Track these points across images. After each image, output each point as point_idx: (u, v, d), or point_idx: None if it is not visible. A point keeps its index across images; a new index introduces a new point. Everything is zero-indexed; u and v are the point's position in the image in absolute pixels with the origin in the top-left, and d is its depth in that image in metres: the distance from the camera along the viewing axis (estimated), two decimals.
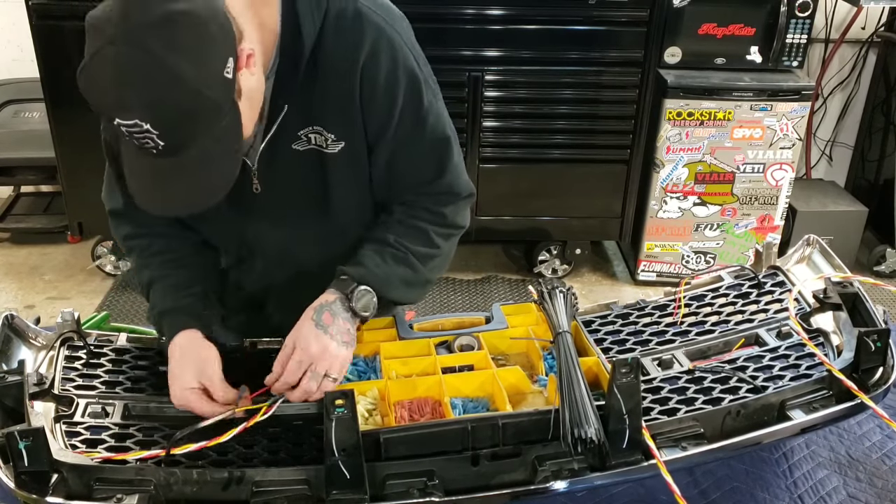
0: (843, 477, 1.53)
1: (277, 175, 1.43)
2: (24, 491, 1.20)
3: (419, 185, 1.49)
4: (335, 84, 1.34)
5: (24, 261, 3.86)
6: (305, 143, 1.39)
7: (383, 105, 1.38)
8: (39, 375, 1.39)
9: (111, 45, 1.07)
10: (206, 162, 1.18)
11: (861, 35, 4.07)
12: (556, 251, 3.77)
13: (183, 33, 1.09)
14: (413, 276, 1.49)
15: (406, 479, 1.28)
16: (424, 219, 1.50)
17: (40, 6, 3.16)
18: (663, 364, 1.51)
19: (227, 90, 1.16)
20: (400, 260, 1.47)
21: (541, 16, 3.28)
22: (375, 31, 1.34)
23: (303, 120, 1.37)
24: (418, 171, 1.48)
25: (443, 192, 1.50)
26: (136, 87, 1.08)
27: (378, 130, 1.41)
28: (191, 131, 1.14)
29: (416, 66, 1.40)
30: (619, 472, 1.31)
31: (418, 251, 1.49)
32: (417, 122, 1.42)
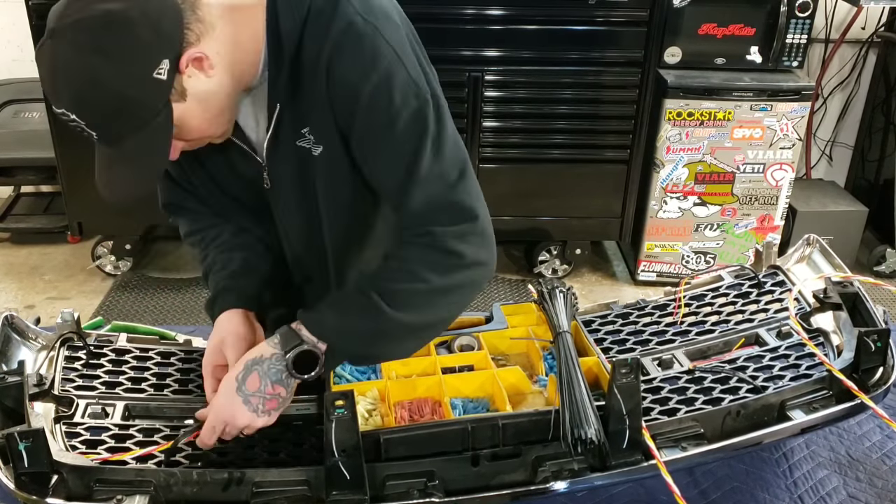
0: (843, 477, 1.53)
1: (282, 171, 1.42)
2: (24, 492, 1.20)
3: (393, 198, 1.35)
4: (309, 84, 1.30)
5: (24, 261, 3.86)
6: (309, 141, 1.37)
7: (346, 100, 1.29)
8: (39, 376, 1.39)
9: (49, 39, 1.14)
10: (138, 155, 1.22)
11: (861, 35, 4.06)
12: (556, 251, 3.76)
13: (108, 35, 1.14)
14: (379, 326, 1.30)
15: (406, 480, 1.28)
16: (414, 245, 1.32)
17: (40, 6, 3.15)
18: (663, 364, 1.51)
19: (159, 91, 1.19)
20: (358, 307, 1.30)
21: (541, 16, 3.28)
22: (345, 24, 1.26)
23: (298, 119, 1.35)
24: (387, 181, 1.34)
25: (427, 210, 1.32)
26: (63, 82, 1.15)
27: (345, 128, 1.33)
28: (118, 126, 1.19)
29: (395, 63, 1.28)
30: (619, 472, 1.31)
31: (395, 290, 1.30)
32: (386, 120, 1.29)
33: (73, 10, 1.13)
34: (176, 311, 3.44)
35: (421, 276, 1.29)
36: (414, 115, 1.29)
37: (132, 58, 1.15)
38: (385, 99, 1.28)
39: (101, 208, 3.62)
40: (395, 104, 1.28)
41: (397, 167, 1.31)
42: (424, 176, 1.30)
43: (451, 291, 1.33)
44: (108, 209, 3.51)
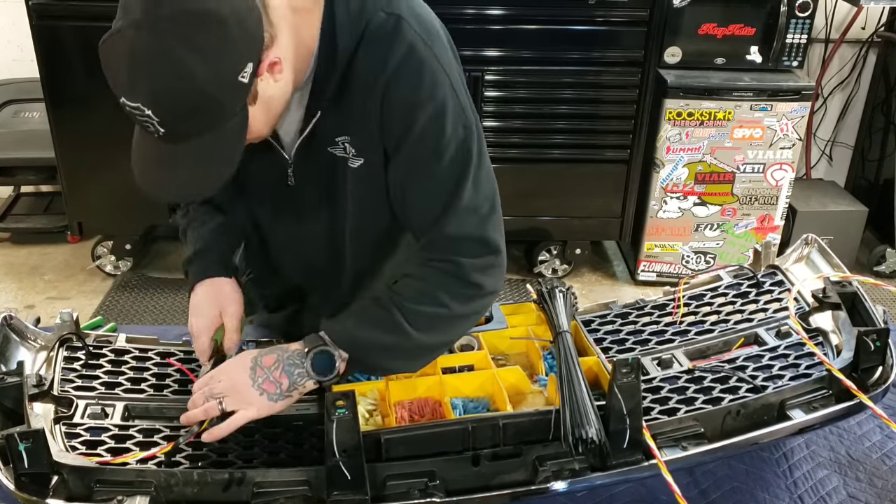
0: (843, 477, 1.53)
1: (310, 173, 1.42)
2: (24, 493, 1.20)
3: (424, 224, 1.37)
4: (360, 101, 1.31)
5: (24, 261, 3.86)
6: (341, 150, 1.37)
7: (399, 125, 1.31)
8: (39, 377, 1.39)
9: (133, 29, 1.09)
10: (203, 158, 1.18)
11: (861, 35, 4.06)
12: (556, 251, 3.76)
13: (204, 32, 1.10)
14: (399, 342, 1.33)
15: (407, 480, 1.28)
16: (438, 271, 1.35)
17: (40, 6, 3.15)
18: (663, 364, 1.51)
19: (239, 94, 1.16)
20: (383, 324, 1.33)
21: (541, 16, 3.28)
22: (407, 47, 1.28)
23: (336, 128, 1.35)
24: (424, 207, 1.36)
25: (458, 238, 1.34)
26: (145, 75, 1.10)
27: (392, 149, 1.34)
28: (191, 126, 1.15)
29: (448, 93, 1.31)
30: (619, 472, 1.31)
31: (417, 311, 1.33)
32: (435, 151, 1.31)
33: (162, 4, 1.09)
34: (176, 311, 3.44)
35: (443, 301, 1.33)
36: (460, 146, 1.33)
37: (224, 57, 1.12)
38: (438, 130, 1.30)
39: (101, 208, 3.62)
40: (445, 136, 1.31)
41: (436, 198, 1.34)
42: (461, 208, 1.33)
43: (467, 318, 1.38)
44: (108, 209, 3.52)
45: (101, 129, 3.25)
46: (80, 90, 3.27)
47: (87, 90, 3.25)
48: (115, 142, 3.65)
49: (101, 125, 3.24)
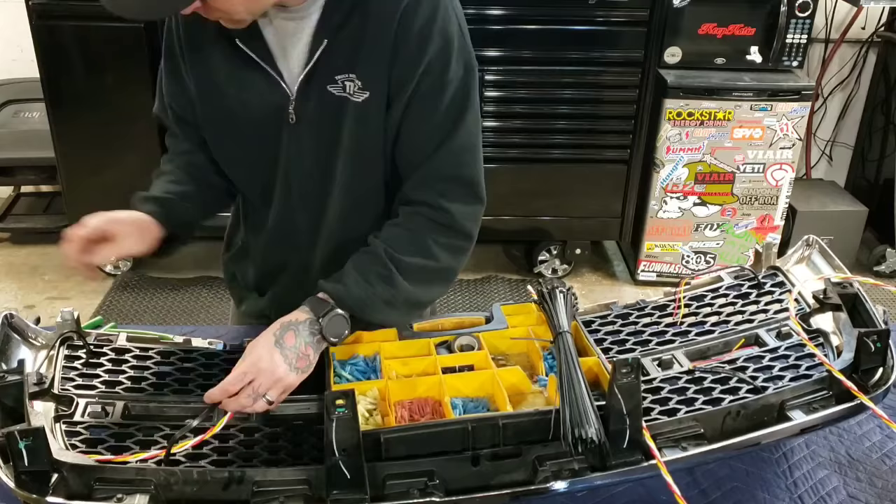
0: (843, 477, 1.53)
1: (310, 110, 1.42)
2: (25, 491, 1.20)
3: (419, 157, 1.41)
4: (375, 29, 1.33)
5: (24, 261, 3.86)
6: (340, 88, 1.38)
7: (412, 54, 1.34)
8: (39, 375, 1.39)
9: None
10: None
11: (861, 35, 4.07)
12: (556, 251, 3.77)
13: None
14: (396, 296, 1.40)
15: (406, 480, 1.28)
16: (427, 220, 1.41)
17: (40, 6, 3.15)
18: (663, 364, 1.51)
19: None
20: (384, 278, 1.38)
21: (541, 16, 3.29)
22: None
23: (341, 64, 1.36)
24: (422, 139, 1.40)
25: (449, 177, 1.40)
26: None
27: (401, 80, 1.37)
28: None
29: (456, 31, 1.37)
30: (619, 472, 1.31)
31: (410, 265, 1.39)
32: (440, 84, 1.37)
33: None
34: (176, 311, 3.44)
35: (433, 253, 1.40)
36: (460, 83, 1.38)
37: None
38: (444, 63, 1.35)
39: (101, 208, 3.61)
40: (450, 70, 1.36)
41: (434, 131, 1.38)
42: (455, 146, 1.39)
43: (451, 272, 1.45)
44: (108, 209, 3.52)
45: (101, 129, 3.26)
46: (80, 90, 3.28)
47: (87, 90, 3.26)
48: (115, 142, 3.67)
49: (101, 125, 3.25)
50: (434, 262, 1.40)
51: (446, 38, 1.35)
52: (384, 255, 1.39)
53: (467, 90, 1.39)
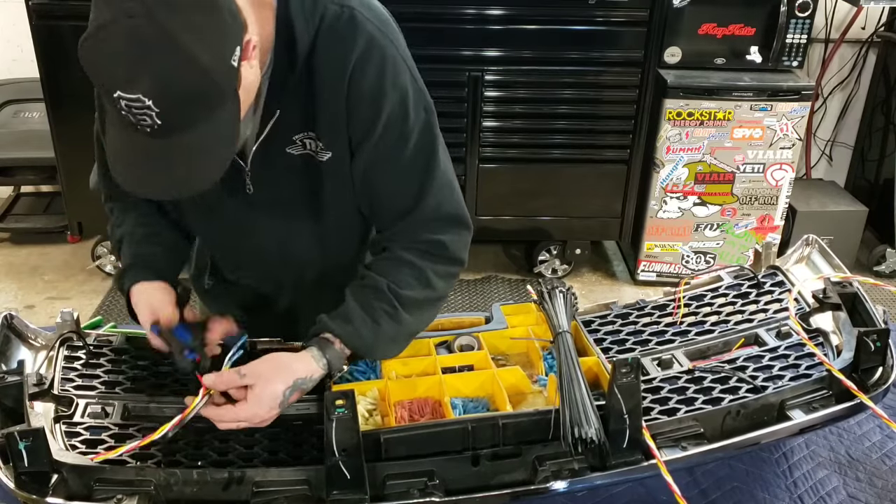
0: (843, 477, 1.53)
1: (270, 177, 1.41)
2: (24, 491, 1.20)
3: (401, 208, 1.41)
4: (326, 92, 1.32)
5: (24, 261, 3.86)
6: (300, 147, 1.37)
7: (367, 114, 1.33)
8: (39, 376, 1.39)
9: (128, 18, 1.05)
10: (199, 150, 1.15)
11: (861, 35, 4.07)
12: (556, 251, 3.77)
13: (202, 15, 1.08)
14: (399, 332, 1.40)
15: (406, 480, 1.28)
16: (423, 253, 1.40)
17: (40, 6, 3.16)
18: (663, 364, 1.51)
19: (232, 78, 1.14)
20: (390, 316, 1.37)
21: (541, 16, 3.28)
22: (367, 39, 1.30)
23: (298, 125, 1.35)
24: (398, 191, 1.40)
25: (435, 217, 1.40)
26: (148, 64, 1.06)
27: (360, 139, 1.36)
28: (191, 114, 1.12)
29: (408, 80, 1.35)
30: (619, 471, 1.31)
31: (412, 299, 1.38)
32: (401, 136, 1.35)
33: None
34: None
35: (432, 283, 1.40)
36: (423, 128, 1.37)
37: (220, 39, 1.10)
38: (403, 115, 1.34)
39: (101, 208, 3.61)
40: (410, 120, 1.35)
41: (410, 180, 1.38)
42: (435, 186, 1.38)
43: (445, 298, 1.45)
44: None
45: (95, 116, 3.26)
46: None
47: (87, 90, 3.25)
48: None
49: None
50: (433, 291, 1.41)
51: (400, 91, 1.33)
52: (388, 291, 1.37)
53: (431, 130, 1.39)
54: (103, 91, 1.10)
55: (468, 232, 1.45)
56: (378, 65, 1.31)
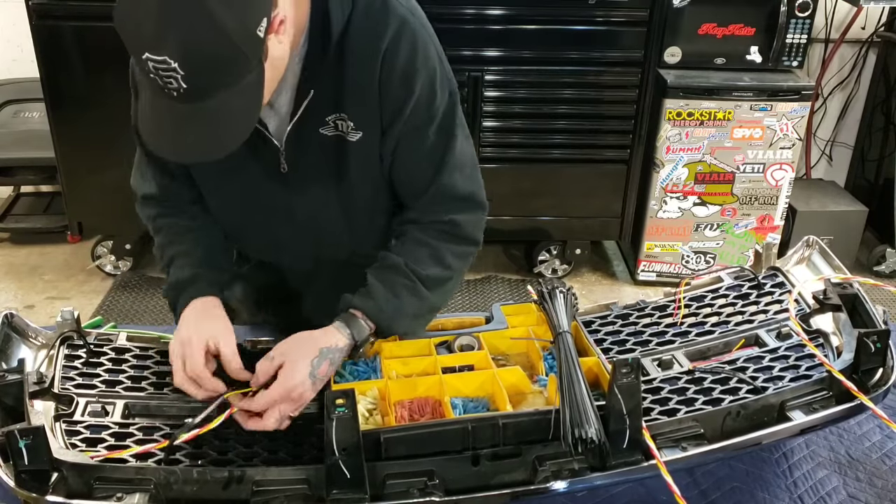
0: (843, 477, 1.53)
1: (304, 157, 1.45)
2: (25, 489, 1.20)
3: (418, 187, 1.47)
4: (359, 72, 1.36)
5: (24, 261, 3.86)
6: (332, 128, 1.41)
7: (399, 92, 1.38)
8: (39, 374, 1.40)
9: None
10: (224, 114, 1.19)
11: (861, 35, 4.06)
12: (556, 251, 3.76)
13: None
14: (421, 307, 1.46)
15: (406, 479, 1.28)
16: (439, 233, 1.47)
17: (40, 6, 3.15)
18: (663, 364, 1.51)
19: (258, 48, 1.18)
20: (410, 290, 1.44)
21: (541, 16, 3.28)
22: (399, 20, 1.35)
23: (330, 106, 1.39)
24: (418, 169, 1.46)
25: (450, 197, 1.47)
26: (175, 27, 1.11)
27: (391, 118, 1.41)
28: (216, 79, 1.16)
29: (436, 61, 1.41)
30: (619, 472, 1.31)
31: (430, 276, 1.45)
32: (428, 115, 1.42)
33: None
34: None
35: (447, 262, 1.47)
36: (448, 109, 1.44)
37: (248, 10, 1.15)
38: (431, 95, 1.40)
39: (101, 208, 3.62)
40: (437, 100, 1.41)
41: (431, 158, 1.44)
42: (453, 166, 1.45)
43: (461, 276, 1.52)
44: (108, 209, 3.52)
45: (101, 129, 3.25)
46: (80, 90, 3.27)
47: (87, 90, 3.25)
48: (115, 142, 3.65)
49: (101, 125, 3.24)
50: (450, 271, 1.48)
51: (430, 71, 1.40)
52: (406, 268, 1.43)
53: (453, 113, 1.45)
54: (133, 53, 1.14)
55: (482, 211, 1.51)
56: (410, 45, 1.36)
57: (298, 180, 1.48)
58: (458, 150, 1.46)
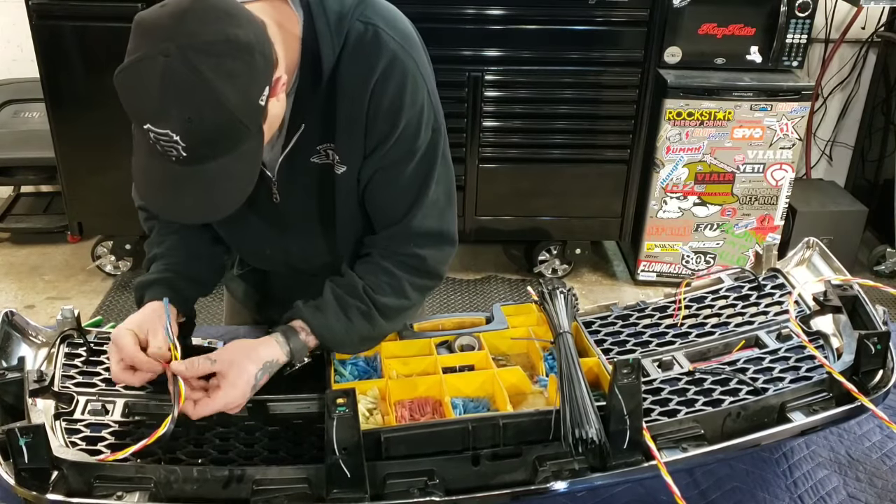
0: (843, 477, 1.53)
1: (295, 186, 1.45)
2: (25, 488, 1.20)
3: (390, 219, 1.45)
4: (349, 106, 1.35)
5: (24, 261, 3.86)
6: (324, 157, 1.40)
7: (383, 127, 1.37)
8: (40, 372, 1.39)
9: (163, 57, 1.09)
10: (221, 178, 1.19)
11: (861, 35, 4.07)
12: (556, 251, 3.77)
13: (234, 60, 1.12)
14: (371, 331, 1.45)
15: (406, 479, 1.28)
16: (402, 264, 1.45)
17: (40, 6, 3.15)
18: (663, 365, 1.51)
19: (259, 116, 1.19)
20: (364, 315, 1.42)
21: (541, 16, 3.29)
22: (390, 56, 1.33)
23: (321, 136, 1.38)
24: (392, 203, 1.44)
25: (418, 233, 1.44)
26: (178, 103, 1.10)
27: (371, 149, 1.39)
28: (216, 149, 1.16)
29: (425, 98, 1.39)
30: (619, 472, 1.31)
31: (386, 304, 1.43)
32: (409, 151, 1.39)
33: (191, 31, 1.10)
34: None
35: (406, 293, 1.45)
36: (429, 147, 1.41)
37: (251, 83, 1.15)
38: (415, 132, 1.38)
39: (101, 208, 3.62)
40: (420, 138, 1.39)
41: (406, 194, 1.42)
42: (426, 203, 1.43)
43: (417, 308, 1.53)
44: (108, 209, 3.52)
45: (101, 129, 3.26)
46: (80, 90, 3.27)
47: (87, 90, 3.26)
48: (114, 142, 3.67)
49: (101, 125, 3.25)
50: (407, 301, 1.46)
51: (417, 107, 1.37)
52: (363, 292, 1.42)
53: (435, 149, 1.43)
54: (134, 121, 1.14)
55: (451, 248, 1.49)
56: (399, 81, 1.34)
57: (290, 208, 1.48)
58: (433, 189, 1.44)
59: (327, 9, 1.31)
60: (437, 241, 1.46)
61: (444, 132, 1.45)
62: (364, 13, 1.34)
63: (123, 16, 3.06)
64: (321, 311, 1.41)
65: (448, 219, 1.48)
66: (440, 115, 1.43)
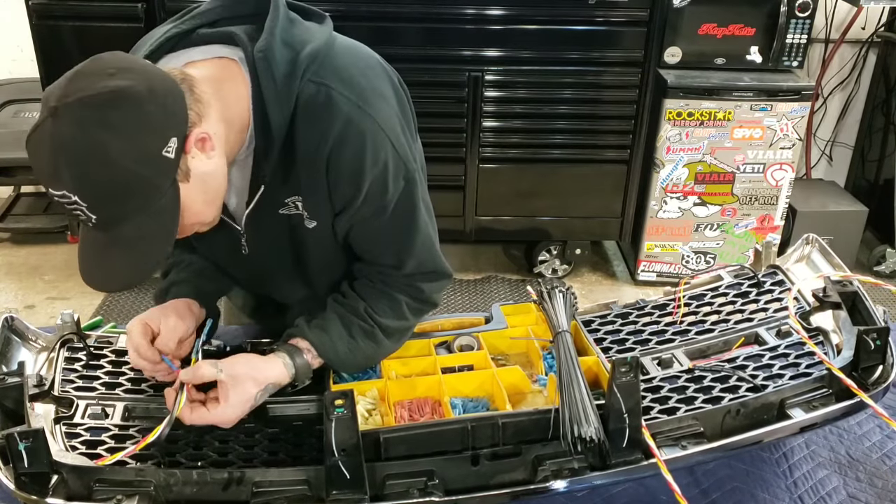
0: (843, 477, 1.53)
1: (265, 238, 1.43)
2: (24, 492, 1.20)
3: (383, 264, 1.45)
4: (308, 170, 1.31)
5: (24, 261, 3.86)
6: (293, 208, 1.37)
7: (347, 190, 1.33)
8: (39, 377, 1.40)
9: (51, 118, 1.09)
10: (140, 239, 1.16)
11: (861, 35, 4.06)
12: (556, 251, 3.77)
13: (117, 110, 1.09)
14: (375, 352, 1.46)
15: (406, 479, 1.28)
16: (401, 290, 1.45)
17: (40, 6, 3.15)
18: (663, 363, 1.51)
19: (166, 170, 1.14)
20: (368, 334, 1.43)
21: (541, 16, 3.28)
22: (344, 121, 1.28)
23: (286, 190, 1.35)
24: (379, 251, 1.44)
25: (416, 274, 1.44)
26: (66, 161, 1.09)
27: (341, 209, 1.37)
28: (123, 208, 1.13)
29: (389, 153, 1.32)
30: (619, 471, 1.31)
31: (388, 325, 1.44)
32: (380, 207, 1.36)
33: (76, 88, 1.09)
34: None
35: (406, 316, 1.47)
36: (402, 197, 1.38)
37: (141, 133, 1.11)
38: (381, 189, 1.34)
39: None
40: (388, 193, 1.35)
41: (387, 248, 1.43)
42: (414, 251, 1.42)
43: (413, 328, 1.53)
44: None
45: None
46: None
47: None
48: None
49: None
50: (406, 322, 1.48)
51: (380, 166, 1.32)
52: (365, 313, 1.43)
53: (410, 198, 1.39)
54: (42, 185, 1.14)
55: (447, 280, 1.51)
56: (356, 145, 1.29)
57: (261, 258, 1.47)
58: (416, 230, 1.42)
59: (274, 70, 1.24)
60: (433, 277, 1.48)
61: (418, 177, 1.40)
62: (317, 72, 1.28)
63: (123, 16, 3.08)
64: (325, 331, 1.41)
65: (438, 255, 1.48)
66: (410, 162, 1.37)
